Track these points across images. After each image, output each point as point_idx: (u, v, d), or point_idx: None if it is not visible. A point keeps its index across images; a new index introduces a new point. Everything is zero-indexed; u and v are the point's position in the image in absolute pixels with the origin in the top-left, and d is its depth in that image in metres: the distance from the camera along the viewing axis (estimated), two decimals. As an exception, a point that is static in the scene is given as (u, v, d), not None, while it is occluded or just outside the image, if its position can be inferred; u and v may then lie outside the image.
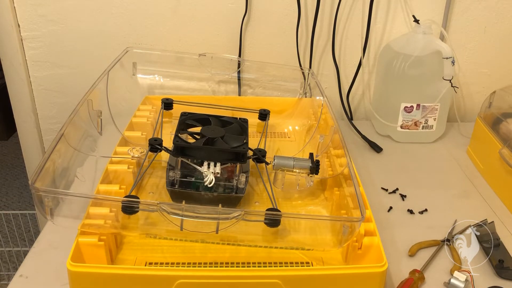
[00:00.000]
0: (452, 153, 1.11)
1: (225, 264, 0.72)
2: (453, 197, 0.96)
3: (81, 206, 0.68)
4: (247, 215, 0.66)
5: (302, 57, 1.20)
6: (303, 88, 1.13)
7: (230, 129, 0.85)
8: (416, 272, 0.74)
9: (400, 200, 0.95)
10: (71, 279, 0.63)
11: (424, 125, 1.13)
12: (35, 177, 0.63)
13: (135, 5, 1.13)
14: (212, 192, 0.79)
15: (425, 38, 1.08)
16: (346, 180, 0.79)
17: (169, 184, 0.79)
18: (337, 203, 0.80)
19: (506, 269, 0.76)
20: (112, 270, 0.65)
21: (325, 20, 1.17)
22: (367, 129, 1.19)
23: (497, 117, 1.02)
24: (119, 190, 0.78)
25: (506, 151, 0.93)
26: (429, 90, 1.09)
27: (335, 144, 0.88)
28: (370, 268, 0.66)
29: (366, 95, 1.26)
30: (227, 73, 1.16)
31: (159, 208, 0.64)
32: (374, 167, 1.05)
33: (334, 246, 0.71)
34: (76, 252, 0.65)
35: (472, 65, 1.24)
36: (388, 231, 0.85)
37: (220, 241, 0.70)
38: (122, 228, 0.70)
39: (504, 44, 1.22)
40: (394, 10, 1.17)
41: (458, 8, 1.17)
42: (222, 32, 1.17)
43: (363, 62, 1.19)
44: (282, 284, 0.63)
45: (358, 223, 0.66)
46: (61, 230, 0.69)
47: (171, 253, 0.74)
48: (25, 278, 0.72)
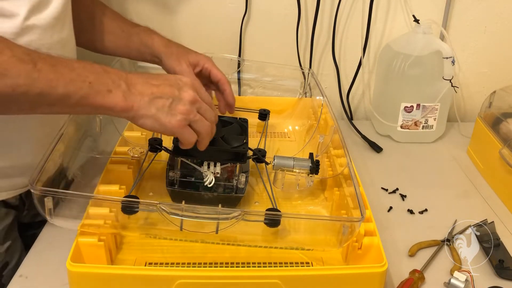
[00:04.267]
0: (452, 153, 1.11)
1: (225, 264, 0.72)
2: (453, 197, 0.96)
3: (81, 206, 0.68)
4: (247, 215, 0.66)
5: (302, 57, 1.20)
6: (303, 88, 1.13)
7: (230, 129, 0.85)
8: (416, 272, 0.74)
9: (400, 200, 0.94)
10: (70, 279, 0.63)
11: (424, 125, 1.13)
12: (35, 177, 0.63)
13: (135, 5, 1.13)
14: (212, 192, 0.79)
15: (425, 38, 1.08)
16: (346, 180, 0.79)
17: (169, 184, 0.79)
18: (337, 203, 0.80)
19: (506, 269, 0.76)
20: (112, 270, 0.65)
21: (325, 20, 1.17)
22: (367, 129, 1.19)
23: (497, 117, 1.02)
24: (119, 190, 0.78)
25: (506, 151, 0.92)
26: (429, 90, 1.09)
27: (335, 144, 0.88)
28: (370, 268, 0.66)
29: (366, 95, 1.26)
30: (227, 73, 1.16)
31: (159, 208, 0.64)
32: (374, 167, 1.05)
33: (334, 246, 0.71)
34: (76, 252, 0.65)
35: (472, 65, 1.24)
36: (388, 231, 0.85)
37: (220, 241, 0.70)
38: (122, 228, 0.70)
39: (504, 44, 1.22)
40: (394, 10, 1.17)
41: (458, 8, 1.17)
42: (222, 32, 1.17)
43: (363, 62, 1.19)
44: (282, 284, 0.63)
45: (358, 223, 0.66)
46: (61, 230, 0.69)
47: (171, 253, 0.74)
48: (25, 278, 0.72)
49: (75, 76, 0.58)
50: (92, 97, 0.59)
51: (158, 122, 0.63)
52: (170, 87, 0.64)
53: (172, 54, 0.86)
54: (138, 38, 0.88)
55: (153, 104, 0.63)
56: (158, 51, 0.87)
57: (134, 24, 0.91)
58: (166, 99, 0.63)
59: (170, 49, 0.87)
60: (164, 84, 0.64)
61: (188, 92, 0.65)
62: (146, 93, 0.63)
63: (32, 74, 0.56)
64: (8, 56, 0.55)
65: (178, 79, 0.66)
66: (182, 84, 0.66)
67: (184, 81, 0.66)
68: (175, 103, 0.64)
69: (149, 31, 0.89)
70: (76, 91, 0.58)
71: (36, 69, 0.56)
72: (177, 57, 0.86)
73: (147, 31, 0.89)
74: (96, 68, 0.61)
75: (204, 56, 0.88)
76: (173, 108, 0.64)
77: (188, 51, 0.88)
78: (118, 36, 0.89)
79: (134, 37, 0.88)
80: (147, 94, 0.63)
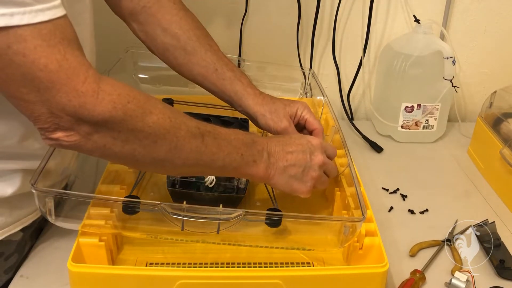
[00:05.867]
0: (452, 153, 1.11)
1: (226, 264, 0.72)
2: (454, 197, 0.96)
3: (82, 206, 0.68)
4: (248, 215, 0.66)
5: (302, 57, 1.20)
6: (304, 88, 1.12)
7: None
8: (417, 272, 0.74)
9: (401, 200, 0.94)
10: (71, 279, 0.63)
11: (425, 125, 1.13)
12: (36, 178, 0.63)
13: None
14: (213, 192, 0.79)
15: (425, 38, 1.08)
16: (347, 180, 0.79)
17: (170, 184, 0.79)
18: (338, 203, 0.80)
19: (507, 269, 0.76)
20: (113, 270, 0.65)
21: (325, 20, 1.17)
22: (367, 129, 1.19)
23: (497, 117, 1.02)
24: (120, 190, 0.78)
25: (507, 151, 0.92)
26: (429, 90, 1.09)
27: (336, 144, 0.87)
28: (371, 268, 0.66)
29: (366, 95, 1.26)
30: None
31: (160, 209, 0.64)
32: (374, 167, 1.05)
33: (335, 246, 0.71)
34: (77, 253, 0.65)
35: (472, 65, 1.24)
36: (389, 231, 0.85)
37: (221, 241, 0.70)
38: (122, 228, 0.70)
39: (504, 44, 1.22)
40: (394, 10, 1.17)
41: (458, 8, 1.17)
42: (222, 32, 1.17)
43: (364, 62, 1.19)
44: (283, 284, 0.63)
45: (359, 223, 0.66)
46: (61, 230, 0.69)
47: (172, 253, 0.73)
48: (26, 279, 0.72)
49: (232, 149, 0.64)
50: (241, 167, 0.66)
51: (290, 188, 0.70)
52: (303, 153, 0.70)
53: (269, 112, 0.80)
54: (231, 86, 0.81)
55: (287, 172, 0.69)
56: (253, 110, 0.81)
57: (228, 63, 0.83)
58: (299, 166, 0.69)
59: (265, 107, 0.80)
60: (298, 151, 0.70)
61: (318, 157, 0.71)
62: (282, 162, 0.68)
63: (200, 149, 0.61)
64: (184, 131, 0.60)
65: (310, 144, 0.71)
66: (313, 148, 0.71)
67: (314, 145, 0.71)
68: (306, 170, 0.70)
69: (242, 80, 0.82)
70: (231, 162, 0.64)
71: (204, 143, 0.61)
72: (276, 114, 0.80)
73: (240, 79, 0.82)
74: (247, 139, 0.67)
75: (300, 104, 0.82)
76: (305, 175, 0.70)
77: (283, 104, 0.81)
78: (208, 71, 0.82)
79: (226, 82, 0.82)
80: (283, 162, 0.68)
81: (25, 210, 0.73)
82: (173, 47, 0.82)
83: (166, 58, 0.84)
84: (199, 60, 0.82)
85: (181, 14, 0.82)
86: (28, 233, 0.76)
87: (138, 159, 0.58)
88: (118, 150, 0.56)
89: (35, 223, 0.77)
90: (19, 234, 0.74)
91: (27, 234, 0.76)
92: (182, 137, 0.59)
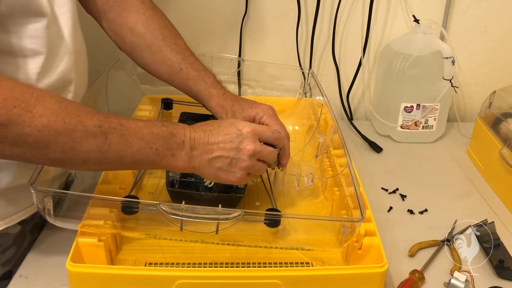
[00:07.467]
0: (452, 153, 1.11)
1: (225, 264, 0.72)
2: (453, 197, 0.96)
3: (81, 206, 0.68)
4: (247, 215, 0.66)
5: (302, 57, 1.20)
6: (303, 88, 1.13)
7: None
8: (416, 272, 0.74)
9: (400, 200, 0.94)
10: (71, 279, 0.63)
11: (424, 125, 1.13)
12: (34, 177, 0.63)
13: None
14: (212, 193, 0.79)
15: (425, 38, 1.08)
16: (346, 180, 0.79)
17: (169, 184, 0.79)
18: (337, 203, 0.80)
19: (506, 269, 0.76)
20: (112, 270, 0.65)
21: (325, 20, 1.17)
22: (367, 129, 1.19)
23: (497, 117, 1.02)
24: (119, 190, 0.78)
25: (506, 151, 0.92)
26: (429, 90, 1.09)
27: (335, 144, 0.88)
28: (370, 268, 0.66)
29: (366, 95, 1.26)
30: (227, 73, 1.16)
31: (159, 209, 0.64)
32: (374, 167, 1.05)
33: (334, 246, 0.71)
34: (76, 253, 0.65)
35: (472, 65, 1.24)
36: (388, 231, 0.85)
37: (220, 241, 0.70)
38: (121, 228, 0.70)
39: (504, 44, 1.22)
40: (394, 10, 1.17)
41: (458, 8, 1.17)
42: (222, 32, 1.17)
43: (363, 62, 1.19)
44: (282, 284, 0.63)
45: (358, 223, 0.66)
46: (60, 230, 0.69)
47: (171, 253, 0.74)
48: (25, 278, 0.72)
49: (143, 145, 0.62)
50: (157, 162, 0.64)
51: (218, 179, 0.68)
52: (230, 143, 0.66)
53: (226, 115, 0.81)
54: (195, 87, 0.82)
55: (212, 164, 0.66)
56: (214, 111, 0.82)
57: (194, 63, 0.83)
58: (226, 158, 0.66)
59: (224, 110, 0.81)
60: (224, 141, 0.66)
61: (249, 146, 0.67)
62: (207, 154, 0.66)
63: (102, 148, 0.59)
64: (81, 132, 0.57)
65: (239, 132, 0.67)
66: (242, 137, 0.67)
67: (244, 134, 0.67)
68: (234, 161, 0.67)
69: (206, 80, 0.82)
70: (142, 158, 0.62)
71: (106, 142, 0.59)
72: (233, 117, 0.80)
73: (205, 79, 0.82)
74: (164, 132, 0.63)
75: (262, 108, 0.79)
76: (232, 166, 0.67)
77: (243, 107, 0.80)
78: (173, 71, 0.82)
79: (190, 82, 0.82)
80: (208, 154, 0.66)
81: (22, 203, 0.73)
82: (140, 47, 0.82)
83: (134, 57, 0.84)
84: (165, 59, 0.82)
85: (148, 13, 0.82)
86: (27, 227, 0.76)
87: (32, 160, 0.57)
88: (8, 153, 0.55)
89: (35, 218, 0.77)
90: (17, 227, 0.74)
91: (26, 227, 0.76)
92: (79, 138, 0.57)
